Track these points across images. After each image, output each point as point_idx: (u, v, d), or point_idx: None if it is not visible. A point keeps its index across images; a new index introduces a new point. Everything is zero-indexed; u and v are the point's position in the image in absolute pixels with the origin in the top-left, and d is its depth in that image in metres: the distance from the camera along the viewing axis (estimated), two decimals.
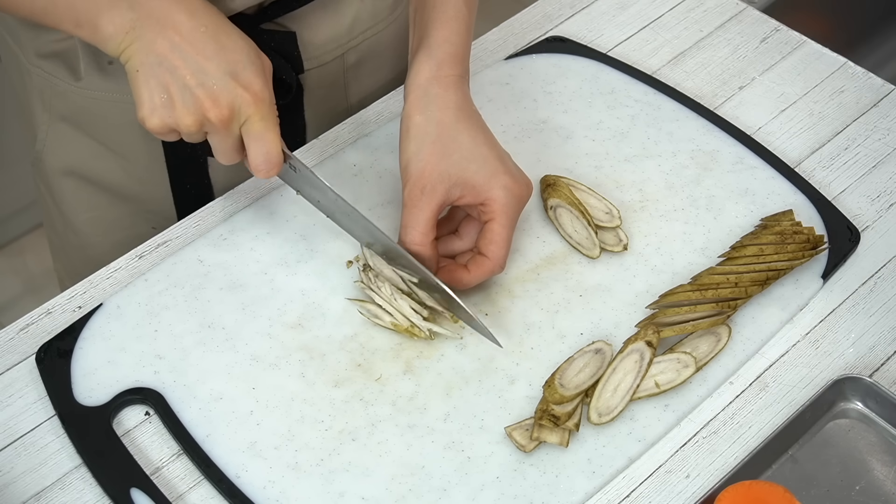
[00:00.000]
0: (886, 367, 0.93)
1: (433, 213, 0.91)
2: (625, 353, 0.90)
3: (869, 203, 1.04)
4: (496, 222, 0.91)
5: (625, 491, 0.86)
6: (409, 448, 0.87)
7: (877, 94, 1.13)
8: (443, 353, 0.92)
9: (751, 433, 0.89)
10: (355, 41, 1.11)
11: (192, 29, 0.86)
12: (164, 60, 0.85)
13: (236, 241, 0.99)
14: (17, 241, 2.20)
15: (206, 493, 0.86)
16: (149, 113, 0.86)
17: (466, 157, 0.91)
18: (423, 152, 0.91)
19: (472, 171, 0.91)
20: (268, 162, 0.89)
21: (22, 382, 0.92)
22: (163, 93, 0.86)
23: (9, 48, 1.10)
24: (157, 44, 0.85)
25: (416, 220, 0.91)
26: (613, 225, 0.99)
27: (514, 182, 0.91)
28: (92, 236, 1.14)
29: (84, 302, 0.97)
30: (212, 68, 0.85)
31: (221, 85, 0.86)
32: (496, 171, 0.91)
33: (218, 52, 0.86)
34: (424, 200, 0.91)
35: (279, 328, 0.94)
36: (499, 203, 0.91)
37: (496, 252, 0.92)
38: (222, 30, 0.87)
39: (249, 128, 0.87)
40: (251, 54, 0.88)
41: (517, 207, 0.92)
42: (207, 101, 0.85)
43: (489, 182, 0.91)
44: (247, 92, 0.86)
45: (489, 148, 0.92)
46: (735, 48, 1.17)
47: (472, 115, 0.93)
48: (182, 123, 0.86)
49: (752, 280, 0.94)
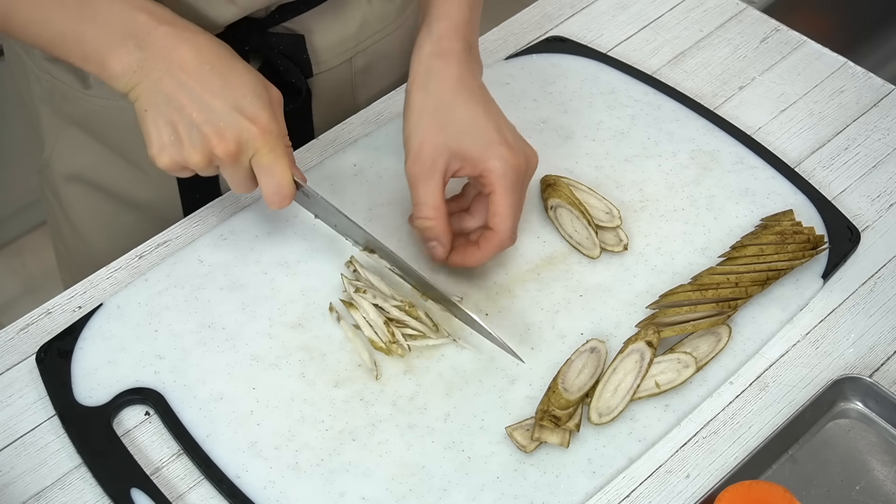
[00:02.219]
0: (886, 367, 0.93)
1: (438, 186, 0.91)
2: (625, 354, 0.90)
3: (869, 203, 1.04)
4: (496, 193, 0.91)
5: (625, 491, 0.86)
6: (409, 448, 0.87)
7: (877, 94, 1.13)
8: (443, 353, 0.92)
9: (751, 433, 0.89)
10: (363, 45, 1.11)
11: (198, 66, 0.86)
12: (172, 99, 0.86)
13: (236, 241, 0.99)
14: (16, 242, 2.20)
15: (207, 493, 0.86)
16: (158, 152, 0.87)
17: (462, 129, 0.91)
18: (421, 126, 0.92)
19: (468, 142, 0.91)
20: (279, 194, 0.90)
21: (22, 382, 0.92)
22: (171, 132, 0.87)
23: (16, 55, 1.10)
24: (164, 83, 0.86)
25: (424, 195, 0.91)
26: (614, 225, 0.99)
27: (510, 152, 0.91)
28: (99, 243, 1.14)
29: (84, 302, 0.97)
30: (218, 104, 0.86)
31: (227, 120, 0.86)
32: (492, 141, 0.91)
33: (224, 87, 0.87)
34: (427, 174, 0.91)
35: (279, 328, 0.94)
36: (496, 174, 0.91)
37: (501, 223, 0.91)
38: (228, 66, 0.88)
39: (259, 160, 0.88)
40: (257, 87, 0.88)
41: (517, 178, 0.91)
42: (214, 137, 0.86)
43: (485, 153, 0.91)
44: (253, 125, 0.87)
45: (486, 119, 0.92)
46: (735, 48, 1.17)
47: (472, 87, 0.93)
48: (191, 161, 0.87)
49: (752, 280, 0.94)
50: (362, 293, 0.93)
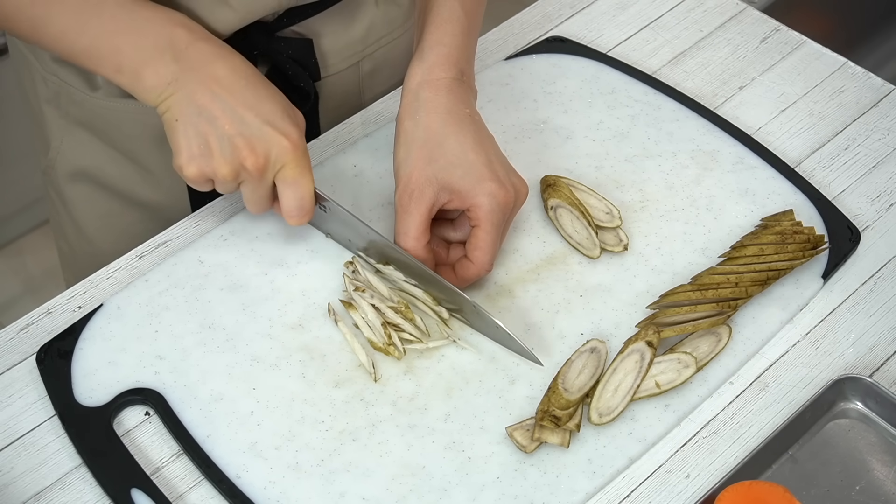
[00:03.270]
0: (886, 367, 0.93)
1: (423, 218, 0.91)
2: (625, 354, 0.90)
3: (869, 203, 1.04)
4: (480, 229, 0.91)
5: (625, 491, 0.86)
6: (409, 448, 0.87)
7: (877, 94, 1.13)
8: (443, 354, 0.92)
9: (751, 433, 0.89)
10: (371, 48, 1.11)
11: (232, 81, 0.88)
12: (204, 111, 0.87)
13: (236, 241, 0.99)
14: (17, 241, 2.20)
15: (207, 493, 0.86)
16: (186, 161, 0.88)
17: (452, 162, 0.91)
18: (410, 157, 0.92)
19: (458, 176, 0.91)
20: (301, 208, 0.91)
21: (22, 382, 0.92)
22: (201, 142, 0.87)
23: (22, 55, 1.10)
24: (197, 95, 0.87)
25: (407, 225, 0.92)
26: (614, 225, 0.99)
27: (499, 188, 0.91)
28: (105, 243, 1.14)
29: (84, 302, 0.97)
30: (250, 117, 0.87)
31: (260, 133, 0.87)
32: (481, 177, 0.91)
33: (257, 102, 0.88)
34: (413, 205, 0.91)
35: (279, 328, 0.94)
36: (483, 210, 0.91)
37: (480, 258, 0.92)
38: (260, 83, 0.90)
39: (285, 174, 0.89)
40: (287, 107, 0.90)
41: (502, 214, 0.92)
42: (245, 149, 0.87)
43: (474, 188, 0.91)
44: (286, 139, 0.88)
45: (476, 153, 0.92)
46: (735, 48, 1.17)
47: (462, 118, 0.93)
48: (219, 172, 0.88)
49: (752, 280, 0.94)
50: (361, 292, 0.93)
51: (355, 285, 0.94)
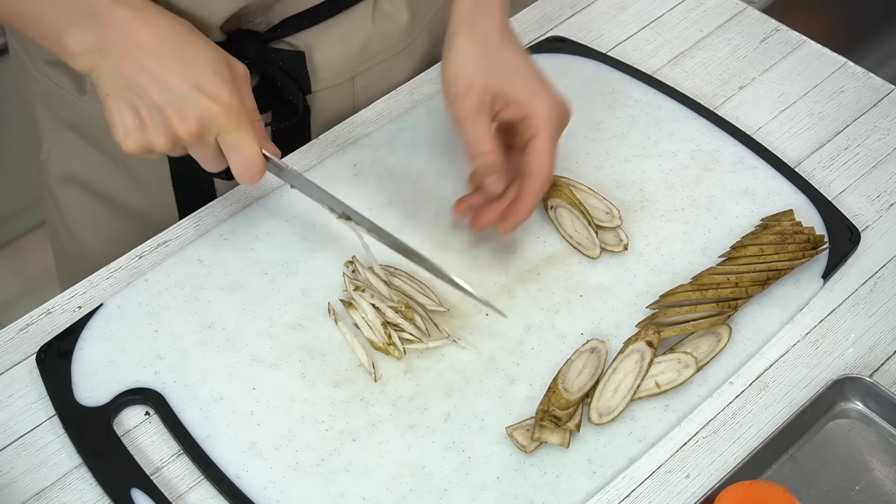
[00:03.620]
0: (886, 367, 0.93)
1: (489, 123, 0.93)
2: (625, 354, 0.90)
3: (869, 203, 1.04)
4: (538, 137, 0.92)
5: (625, 491, 0.86)
6: (409, 448, 0.87)
7: (877, 94, 1.13)
8: (443, 354, 0.92)
9: (751, 433, 0.89)
10: (365, 65, 1.10)
11: (156, 47, 0.86)
12: (132, 82, 0.85)
13: (236, 241, 0.99)
14: (16, 242, 2.20)
15: (207, 493, 0.86)
16: (123, 136, 0.87)
17: (511, 72, 0.93)
18: (468, 67, 0.92)
19: (517, 86, 0.93)
20: (249, 170, 0.89)
21: (22, 382, 0.92)
22: (134, 115, 0.86)
23: (18, 55, 1.10)
24: (123, 65, 0.85)
25: (478, 133, 0.92)
26: (614, 225, 0.99)
27: (555, 101, 0.93)
28: (95, 246, 1.14)
29: (84, 302, 0.97)
30: (177, 83, 0.85)
31: (188, 100, 0.85)
32: (538, 88, 0.93)
33: (183, 66, 0.86)
34: (477, 112, 0.92)
35: (279, 328, 0.94)
36: (540, 118, 0.92)
37: (540, 166, 0.92)
38: (188, 42, 0.87)
39: (224, 138, 0.87)
40: (218, 64, 0.87)
41: (558, 125, 0.93)
42: (175, 117, 0.85)
43: (531, 98, 0.92)
44: (215, 103, 0.86)
45: (531, 70, 0.94)
46: (735, 48, 1.17)
47: (515, 39, 0.95)
48: (155, 143, 0.86)
49: (752, 280, 0.94)
50: (361, 292, 0.93)
51: (355, 285, 0.94)
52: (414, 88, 1.13)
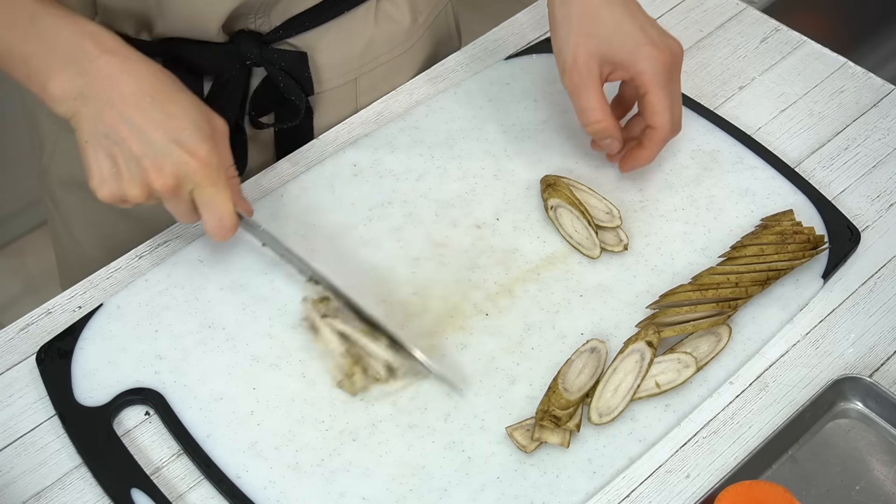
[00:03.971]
0: (886, 367, 0.93)
1: (599, 91, 0.95)
2: (625, 354, 0.90)
3: (869, 203, 1.04)
4: (650, 93, 0.95)
5: (625, 491, 0.86)
6: (409, 448, 0.87)
7: (877, 94, 1.13)
8: (443, 354, 0.92)
9: (751, 433, 0.89)
10: (369, 66, 1.10)
11: (139, 99, 0.86)
12: (112, 132, 0.85)
13: (236, 241, 0.99)
14: (16, 242, 2.20)
15: (207, 493, 0.86)
16: (98, 184, 0.87)
17: (609, 33, 0.95)
18: (570, 38, 0.95)
19: (617, 47, 0.94)
20: (220, 227, 0.89)
21: (22, 382, 0.92)
22: (111, 164, 0.86)
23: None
24: (104, 114, 0.85)
25: (588, 101, 0.96)
26: (614, 225, 0.99)
27: (657, 51, 0.94)
28: (96, 251, 1.14)
29: (84, 302, 0.97)
30: (157, 137, 0.86)
31: (166, 153, 0.86)
32: (638, 43, 0.94)
33: (165, 120, 0.86)
34: (589, 81, 0.95)
35: (279, 328, 0.94)
36: (647, 75, 0.94)
37: (659, 120, 0.96)
38: (169, 97, 0.87)
39: (199, 194, 0.88)
40: (198, 120, 0.88)
41: (667, 74, 0.95)
42: (153, 170, 0.86)
43: (634, 56, 0.94)
44: (192, 158, 0.86)
45: (630, 22, 0.95)
46: (735, 48, 1.17)
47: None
48: (130, 194, 0.87)
49: (752, 280, 0.94)
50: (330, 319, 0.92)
51: (322, 312, 0.93)
52: (414, 88, 1.13)
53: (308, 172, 1.04)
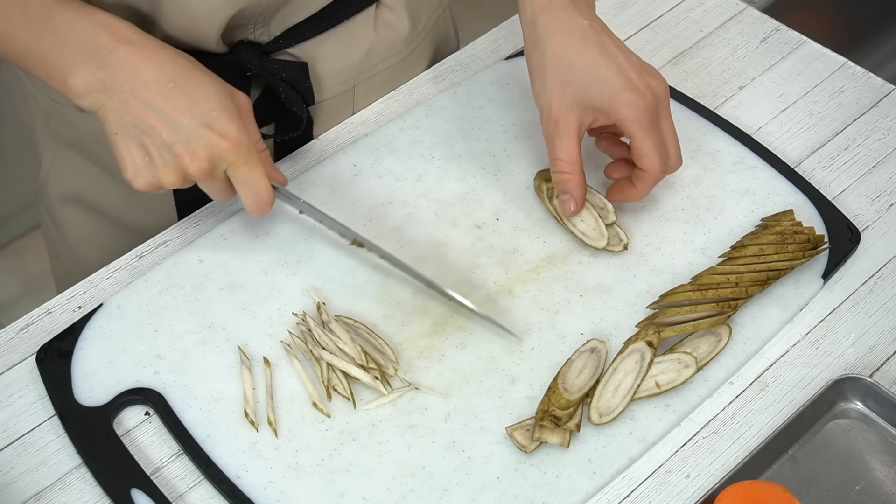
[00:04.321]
0: (886, 367, 0.93)
1: (573, 142, 0.93)
2: (625, 354, 0.90)
3: (869, 203, 1.04)
4: (635, 139, 0.92)
5: (625, 491, 0.86)
6: (409, 448, 0.87)
7: (877, 94, 1.13)
8: (443, 354, 0.92)
9: (751, 433, 0.89)
10: (367, 73, 1.10)
11: (162, 85, 0.86)
12: (140, 121, 0.86)
13: (236, 241, 0.99)
14: (16, 242, 2.20)
15: (207, 493, 0.86)
16: (133, 175, 0.88)
17: (585, 81, 0.92)
18: (546, 86, 0.93)
19: (595, 94, 0.92)
20: (259, 202, 0.90)
21: (22, 382, 0.92)
22: (143, 154, 0.87)
23: (14, 74, 1.10)
24: (130, 105, 0.86)
25: (558, 152, 0.93)
26: (609, 221, 0.99)
27: (637, 95, 0.91)
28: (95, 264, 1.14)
29: (84, 302, 0.97)
30: (186, 122, 0.86)
31: (197, 137, 0.86)
32: (617, 89, 0.91)
33: (191, 104, 0.87)
34: (561, 132, 0.93)
35: (279, 328, 0.94)
36: (629, 121, 0.91)
37: (649, 163, 0.93)
38: (192, 80, 0.88)
39: (234, 173, 0.89)
40: (223, 100, 0.88)
41: (649, 117, 0.92)
42: (186, 156, 0.86)
43: (613, 103, 0.91)
44: (224, 140, 0.87)
45: (607, 66, 0.92)
46: (735, 48, 1.17)
47: (584, 33, 0.93)
48: (165, 180, 0.87)
49: (752, 280, 0.94)
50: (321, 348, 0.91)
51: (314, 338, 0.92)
52: (414, 88, 1.13)
53: (308, 172, 1.04)
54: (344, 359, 0.90)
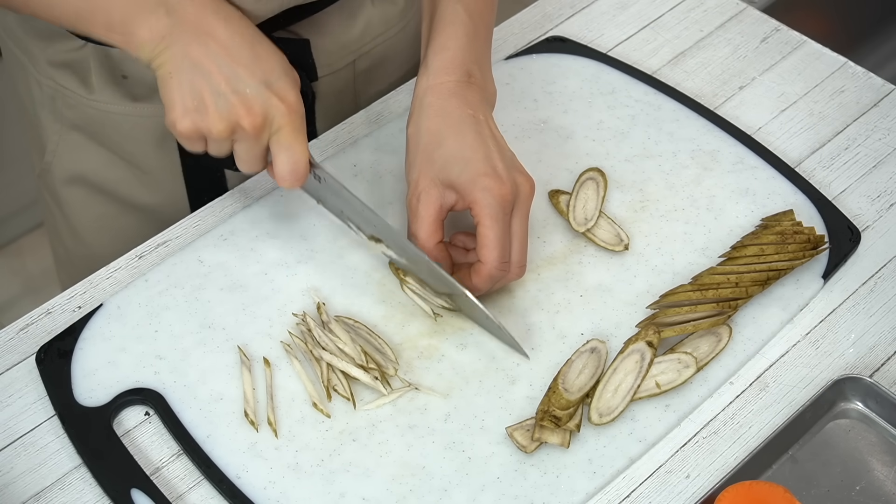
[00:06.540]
0: (886, 367, 0.93)
1: (433, 218, 0.91)
2: (625, 354, 0.90)
3: (869, 203, 1.04)
4: (482, 225, 0.90)
5: (625, 491, 0.86)
6: (409, 448, 0.87)
7: (877, 94, 1.13)
8: (443, 354, 0.92)
9: (751, 433, 0.89)
10: (367, 47, 1.11)
11: (228, 37, 0.86)
12: (199, 66, 0.85)
13: (236, 241, 0.99)
14: (16, 242, 2.20)
15: (207, 493, 0.86)
16: (180, 116, 0.86)
17: (450, 160, 0.91)
18: (416, 161, 0.92)
19: (455, 174, 0.90)
20: (294, 172, 0.89)
21: (22, 382, 0.91)
22: (195, 97, 0.86)
23: (17, 60, 1.10)
24: (192, 49, 0.85)
25: (416, 226, 0.92)
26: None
27: (495, 182, 0.89)
28: (100, 246, 1.14)
29: (84, 302, 0.97)
30: (247, 75, 0.86)
31: (256, 93, 0.86)
32: (478, 172, 0.89)
33: (253, 60, 0.87)
34: (421, 207, 0.91)
35: (279, 328, 0.94)
36: (480, 206, 0.89)
37: (487, 255, 0.90)
38: (257, 40, 0.88)
39: (280, 137, 0.88)
40: (285, 66, 0.88)
41: (502, 207, 0.89)
42: (242, 108, 0.86)
43: (470, 186, 0.90)
44: (282, 102, 0.87)
45: (475, 150, 0.90)
46: (735, 48, 1.17)
47: (463, 118, 0.92)
48: (214, 129, 0.86)
49: (752, 280, 0.94)
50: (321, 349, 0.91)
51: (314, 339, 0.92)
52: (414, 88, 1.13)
53: None
54: (344, 359, 0.90)
